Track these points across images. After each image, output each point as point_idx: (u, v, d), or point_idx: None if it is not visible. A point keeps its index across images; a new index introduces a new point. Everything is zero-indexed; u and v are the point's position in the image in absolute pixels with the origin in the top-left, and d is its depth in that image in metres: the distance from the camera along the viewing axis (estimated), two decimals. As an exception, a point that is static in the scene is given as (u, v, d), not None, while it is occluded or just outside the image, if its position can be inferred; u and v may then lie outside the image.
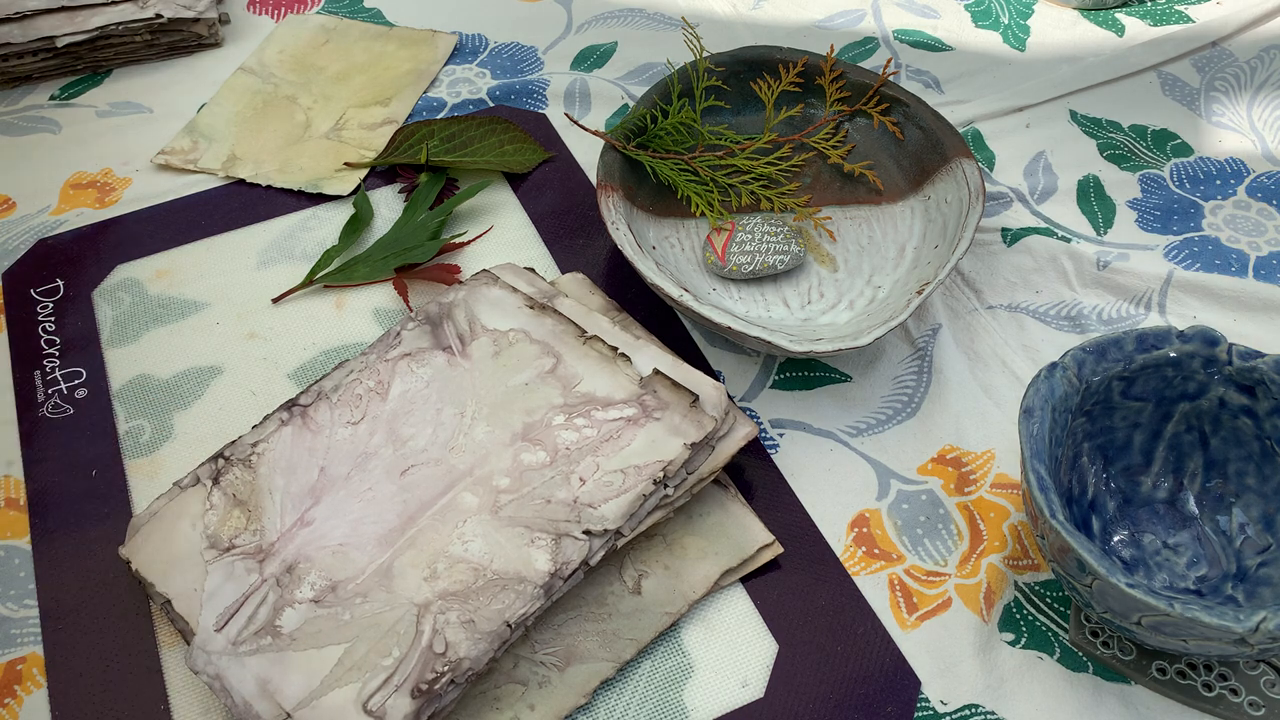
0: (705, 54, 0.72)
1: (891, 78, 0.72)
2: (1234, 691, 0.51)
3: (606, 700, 0.51)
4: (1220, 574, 0.53)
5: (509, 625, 0.48)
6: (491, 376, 0.57)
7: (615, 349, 0.58)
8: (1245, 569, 0.53)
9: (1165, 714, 0.51)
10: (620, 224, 0.63)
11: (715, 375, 0.64)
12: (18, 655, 0.53)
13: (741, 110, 0.74)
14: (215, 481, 0.54)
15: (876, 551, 0.57)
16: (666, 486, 0.53)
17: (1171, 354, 0.53)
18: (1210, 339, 0.53)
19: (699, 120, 0.71)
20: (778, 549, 0.56)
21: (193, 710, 0.51)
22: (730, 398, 0.61)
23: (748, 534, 0.56)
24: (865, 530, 0.58)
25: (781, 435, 0.62)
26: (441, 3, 0.92)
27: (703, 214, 0.69)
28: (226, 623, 0.49)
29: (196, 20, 0.70)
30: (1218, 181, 0.77)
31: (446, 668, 0.47)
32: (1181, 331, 0.53)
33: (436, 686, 0.46)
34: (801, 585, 0.55)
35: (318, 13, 0.91)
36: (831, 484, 0.60)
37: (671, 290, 0.59)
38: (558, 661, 0.51)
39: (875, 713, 0.51)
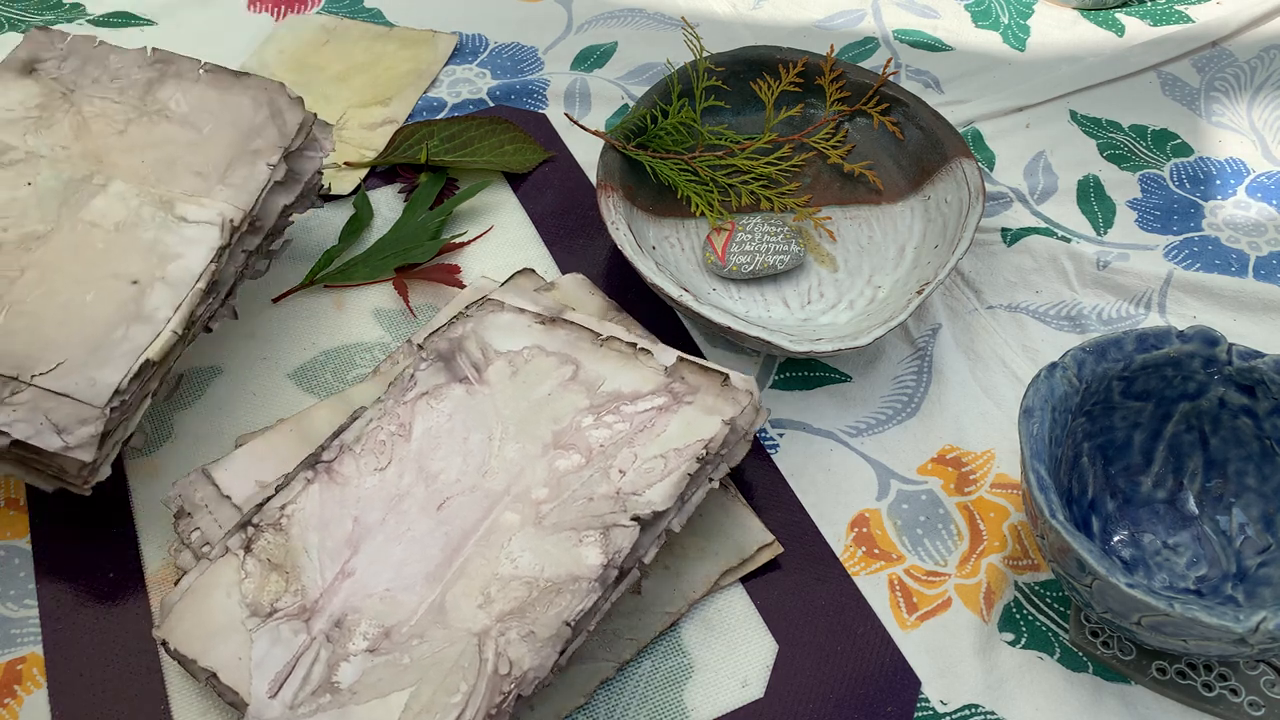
0: (705, 54, 0.72)
1: (891, 78, 0.72)
2: (1234, 691, 0.51)
3: (606, 700, 0.51)
4: (1220, 574, 0.53)
5: (569, 625, 0.47)
6: (513, 395, 0.55)
7: (634, 345, 0.56)
8: (1245, 569, 0.53)
9: (1165, 714, 0.51)
10: (620, 224, 0.63)
11: (715, 375, 0.64)
12: (18, 655, 0.53)
13: (741, 110, 0.74)
14: (247, 550, 0.51)
15: (876, 551, 0.57)
16: (709, 464, 0.51)
17: (1171, 354, 0.53)
18: (1210, 339, 0.53)
19: (699, 120, 0.71)
20: (778, 549, 0.56)
21: (192, 710, 0.51)
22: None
23: (748, 534, 0.56)
24: (865, 530, 0.58)
25: (781, 435, 0.62)
26: (441, 3, 0.92)
27: (703, 214, 0.69)
28: (280, 688, 0.47)
29: (61, 455, 0.51)
30: (1218, 182, 0.77)
31: (513, 685, 0.46)
32: (1181, 331, 0.53)
33: (505, 705, 0.45)
34: (801, 585, 0.55)
35: (318, 13, 0.91)
36: (831, 484, 0.60)
37: (671, 290, 0.59)
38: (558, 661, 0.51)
39: (875, 713, 0.51)
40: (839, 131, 0.73)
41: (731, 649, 0.53)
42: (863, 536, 0.58)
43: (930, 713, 0.51)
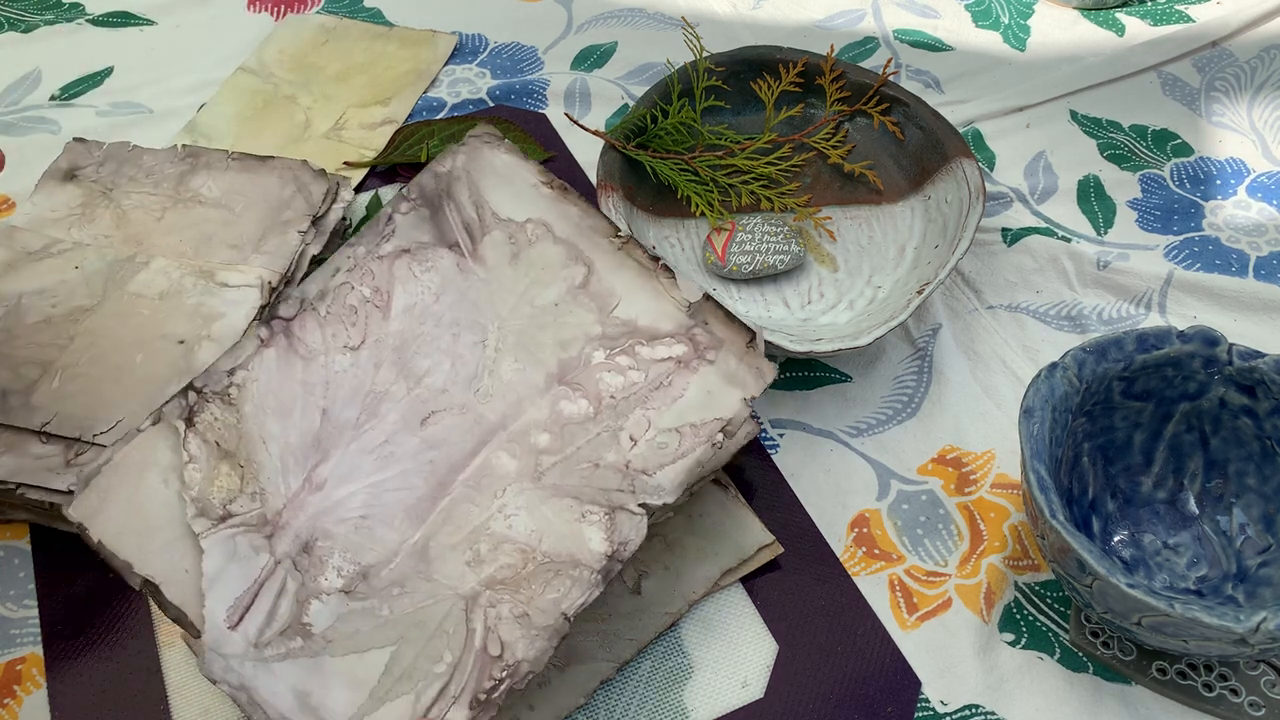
0: (705, 54, 0.72)
1: (892, 78, 0.72)
2: (1234, 692, 0.51)
3: (606, 700, 0.51)
4: (1220, 574, 0.53)
5: (566, 618, 0.43)
6: (513, 290, 0.48)
7: (657, 260, 0.49)
8: (1245, 569, 0.53)
9: (1165, 714, 0.51)
10: (620, 224, 0.63)
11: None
12: (17, 655, 0.53)
13: (741, 110, 0.74)
14: (189, 423, 0.44)
15: (877, 552, 0.57)
16: (722, 452, 0.47)
17: (1172, 354, 0.53)
18: (1210, 339, 0.53)
19: (699, 120, 0.71)
20: (778, 549, 0.56)
21: (192, 710, 0.51)
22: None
23: (748, 534, 0.56)
24: (865, 530, 0.58)
25: (781, 435, 0.62)
26: (441, 3, 0.92)
27: (703, 214, 0.69)
28: (242, 618, 0.42)
29: None
30: (1218, 181, 0.76)
31: (505, 673, 0.42)
32: (1182, 331, 0.53)
33: (495, 695, 0.41)
34: (801, 585, 0.55)
35: (318, 13, 0.91)
36: (831, 484, 0.60)
37: (671, 290, 0.59)
38: (558, 661, 0.51)
39: (875, 713, 0.51)
40: (839, 131, 0.73)
41: (731, 649, 0.53)
42: (863, 537, 0.57)
43: (930, 713, 0.51)
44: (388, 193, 0.75)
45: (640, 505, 0.45)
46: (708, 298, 0.49)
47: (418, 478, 0.45)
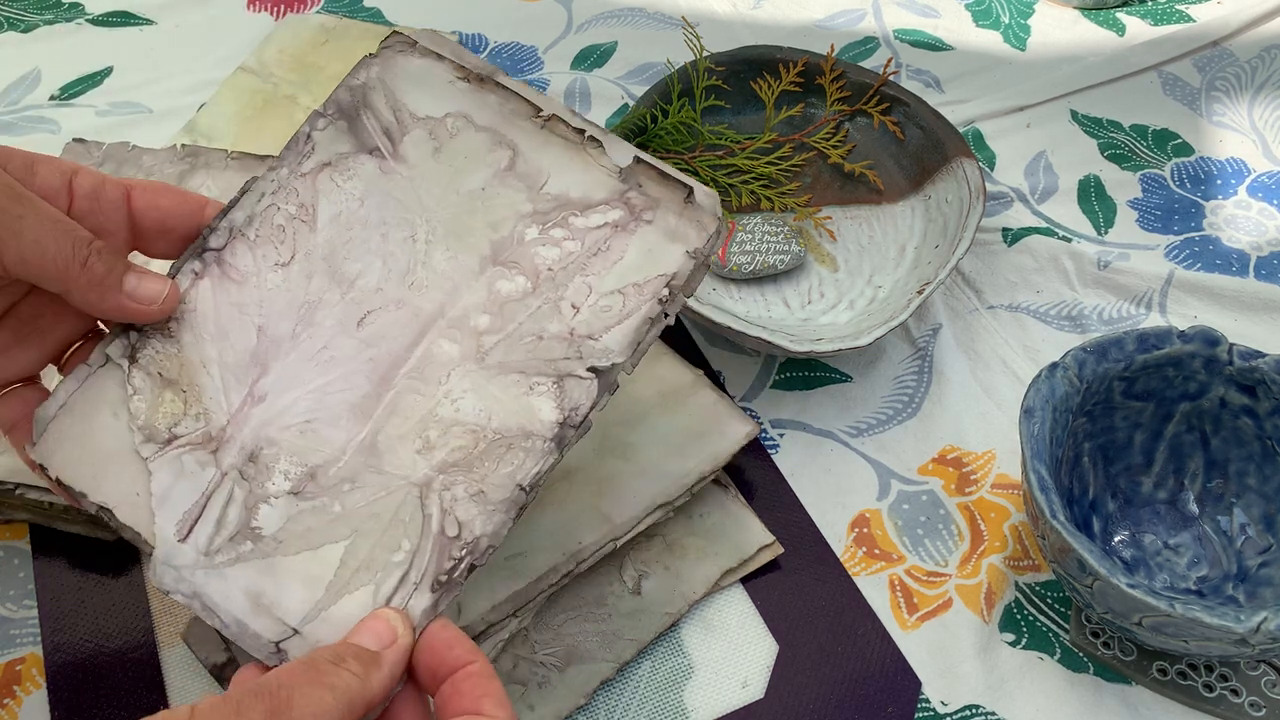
0: (705, 54, 0.72)
1: (892, 77, 0.72)
2: (1235, 692, 0.51)
3: (606, 701, 0.51)
4: (1221, 574, 0.53)
5: (523, 489, 0.42)
6: (437, 182, 0.47)
7: (582, 131, 0.47)
8: (1246, 569, 0.53)
9: (1166, 714, 0.51)
10: (620, 224, 0.63)
11: (715, 375, 0.64)
12: (17, 655, 0.53)
13: (741, 110, 0.74)
14: (132, 360, 0.44)
15: (877, 552, 0.57)
16: (671, 305, 0.45)
17: (1172, 354, 0.53)
18: (1211, 339, 0.53)
19: (699, 120, 0.70)
20: (778, 549, 0.56)
21: (192, 711, 0.51)
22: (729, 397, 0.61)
23: (748, 534, 0.56)
24: (865, 530, 0.58)
25: (781, 435, 0.62)
26: (441, 2, 0.92)
27: (703, 214, 0.69)
28: (191, 529, 0.42)
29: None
30: (1219, 181, 0.76)
31: (464, 551, 0.41)
32: (1182, 331, 0.53)
33: (456, 574, 0.41)
34: (801, 585, 0.55)
35: (318, 12, 0.91)
36: (831, 484, 0.60)
37: (671, 290, 0.59)
38: (557, 662, 0.51)
39: (875, 713, 0.51)
40: (839, 131, 0.73)
41: (731, 649, 0.53)
42: (863, 537, 0.57)
43: (931, 713, 0.51)
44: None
45: (589, 369, 0.44)
46: (639, 160, 0.47)
47: (359, 376, 0.44)
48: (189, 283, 0.46)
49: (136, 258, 0.46)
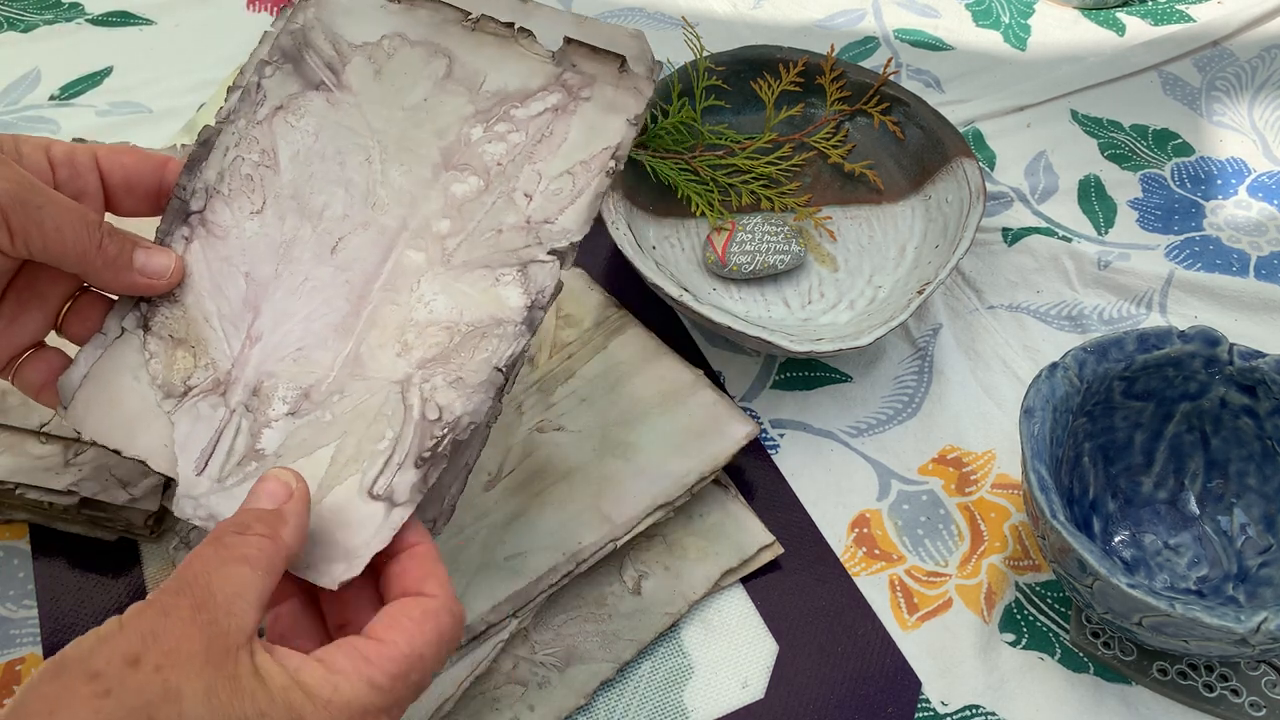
0: (705, 53, 0.72)
1: (892, 77, 0.72)
2: (1235, 692, 0.51)
3: (606, 701, 0.51)
4: (1221, 574, 0.53)
5: (499, 370, 0.44)
6: (382, 103, 0.49)
7: (511, 25, 0.49)
8: (1246, 569, 0.53)
9: (1166, 714, 0.51)
10: (620, 223, 0.63)
11: (716, 376, 0.64)
12: (17, 656, 0.53)
13: (741, 110, 0.74)
14: (145, 328, 0.47)
15: (877, 552, 0.57)
16: (616, 172, 0.47)
17: (1172, 354, 0.53)
18: (1211, 339, 0.53)
19: (699, 120, 0.70)
20: (778, 549, 0.56)
21: (192, 711, 0.51)
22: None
23: (748, 534, 0.56)
24: (866, 530, 0.58)
25: (782, 435, 0.62)
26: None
27: (703, 214, 0.69)
28: (206, 463, 0.45)
29: (127, 507, 0.54)
30: (1219, 181, 0.76)
31: (445, 430, 0.43)
32: (1182, 331, 0.53)
33: (439, 449, 0.43)
34: (802, 585, 0.55)
35: (318, 12, 0.91)
36: (832, 484, 0.60)
37: (671, 290, 0.59)
38: (557, 662, 0.51)
39: (876, 713, 0.51)
40: (839, 131, 0.73)
41: (732, 650, 0.53)
42: (863, 537, 0.57)
43: (931, 713, 0.51)
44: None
45: (550, 252, 0.46)
46: (569, 40, 0.48)
47: (339, 299, 0.47)
48: (182, 248, 0.48)
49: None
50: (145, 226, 0.49)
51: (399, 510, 0.42)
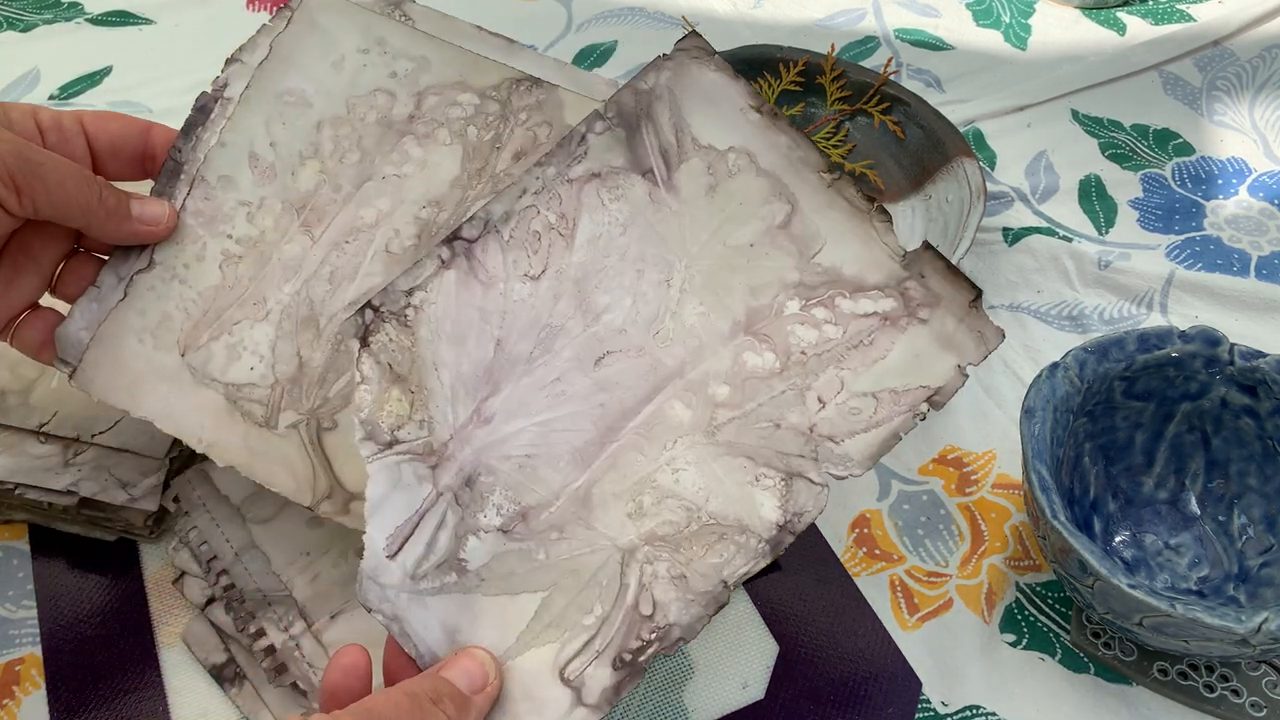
0: (706, 53, 0.72)
1: (892, 77, 0.72)
2: (1236, 692, 0.51)
3: (606, 701, 0.51)
4: (1222, 574, 0.53)
5: (726, 585, 0.40)
6: (706, 226, 0.44)
7: (871, 200, 0.43)
8: (1247, 569, 0.53)
9: (1167, 715, 0.51)
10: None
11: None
12: (16, 656, 0.53)
13: (742, 109, 0.74)
14: (363, 343, 0.41)
15: (877, 552, 0.57)
16: (924, 419, 0.42)
17: (1173, 354, 0.53)
18: (1212, 339, 0.53)
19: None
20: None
21: (192, 711, 0.51)
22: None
23: (748, 535, 0.56)
24: (866, 531, 0.58)
25: (782, 435, 0.62)
26: (441, 3, 0.92)
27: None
28: (401, 547, 0.40)
29: (127, 507, 0.53)
30: (1219, 181, 0.76)
31: (654, 635, 0.39)
32: (1183, 331, 0.53)
33: (641, 658, 0.39)
34: (802, 586, 0.55)
35: (317, 12, 0.91)
36: (832, 484, 0.59)
37: (672, 290, 0.59)
38: (558, 663, 0.51)
39: (876, 714, 0.51)
40: (840, 131, 0.73)
41: (732, 650, 0.53)
42: (863, 537, 0.57)
43: (931, 713, 0.51)
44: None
45: (822, 475, 0.42)
46: (928, 246, 0.43)
47: (587, 420, 0.42)
48: (433, 270, 0.43)
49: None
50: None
51: (583, 712, 0.38)
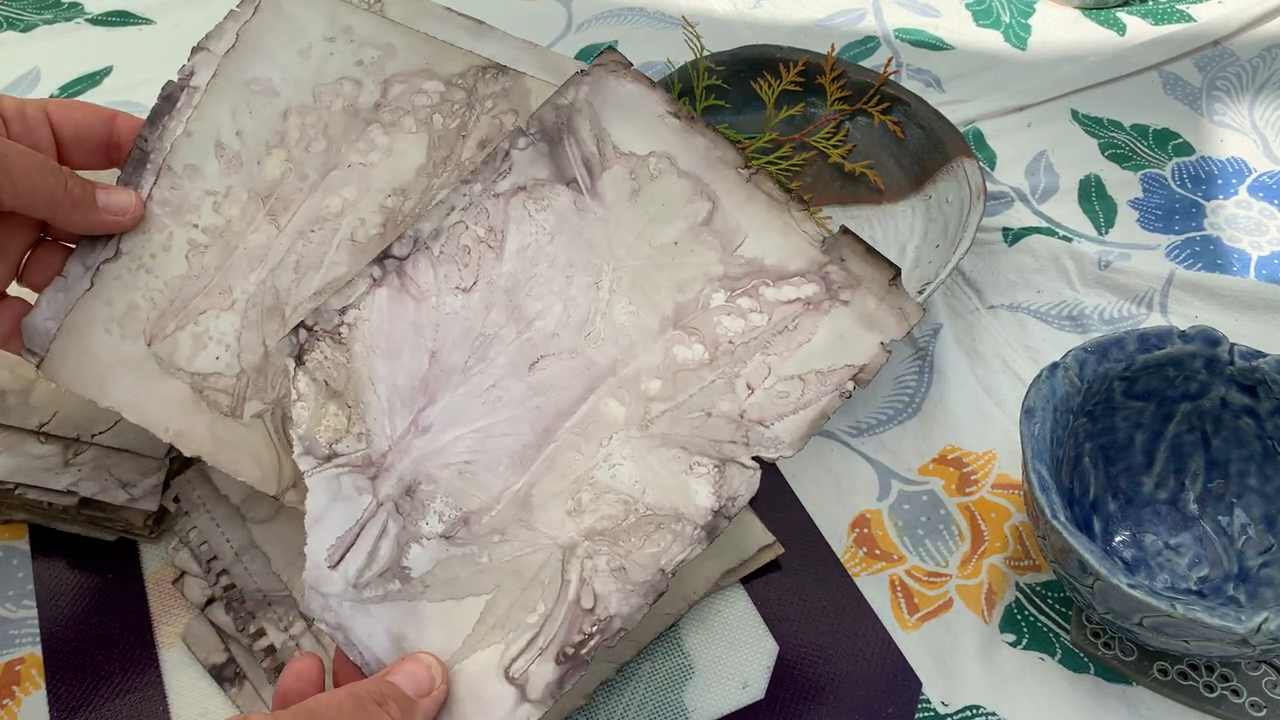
0: (705, 53, 0.72)
1: (892, 77, 0.72)
2: (1236, 692, 0.51)
3: (606, 701, 0.51)
4: (1222, 574, 0.53)
5: (664, 573, 0.41)
6: (631, 229, 0.45)
7: (789, 191, 0.45)
8: (1247, 569, 0.53)
9: (1167, 715, 0.51)
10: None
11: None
12: (16, 656, 0.53)
13: (742, 110, 0.74)
14: (298, 361, 0.42)
15: (877, 552, 0.57)
16: (850, 398, 0.43)
17: (1173, 354, 0.53)
18: (1212, 339, 0.53)
19: (700, 119, 0.70)
20: (778, 549, 0.56)
21: (192, 710, 0.51)
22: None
23: (748, 534, 0.56)
24: (866, 531, 0.58)
25: (782, 435, 0.62)
26: (441, 2, 0.92)
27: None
28: (342, 557, 0.41)
29: (127, 507, 0.53)
30: (1219, 181, 0.76)
31: (596, 627, 0.40)
32: (1183, 331, 0.53)
33: (584, 651, 0.40)
34: (802, 586, 0.55)
35: (317, 12, 0.91)
36: (832, 484, 0.59)
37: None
38: (558, 663, 0.51)
39: (876, 714, 0.51)
40: (840, 131, 0.73)
41: (731, 650, 0.53)
42: (864, 537, 0.57)
43: (931, 713, 0.51)
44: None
45: (754, 458, 0.42)
46: (845, 231, 0.44)
47: (524, 424, 0.43)
48: (365, 288, 0.44)
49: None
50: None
51: (527, 708, 0.39)
